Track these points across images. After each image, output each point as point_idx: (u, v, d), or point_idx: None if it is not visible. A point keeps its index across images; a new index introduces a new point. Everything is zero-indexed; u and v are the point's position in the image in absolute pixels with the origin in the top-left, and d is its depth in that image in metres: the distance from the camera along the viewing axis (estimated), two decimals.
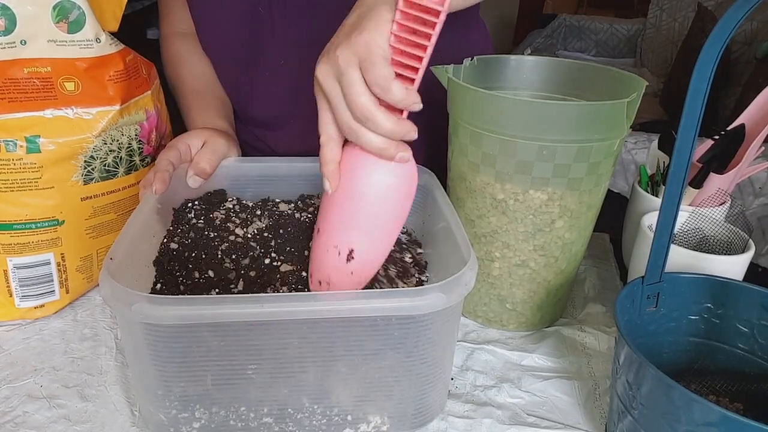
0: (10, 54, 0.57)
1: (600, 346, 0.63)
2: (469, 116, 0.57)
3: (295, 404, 0.48)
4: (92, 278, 0.68)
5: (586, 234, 0.62)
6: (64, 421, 0.51)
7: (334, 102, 0.47)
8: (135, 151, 0.67)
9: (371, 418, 0.49)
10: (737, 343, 0.52)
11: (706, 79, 0.41)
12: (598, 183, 0.58)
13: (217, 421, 0.48)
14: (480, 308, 0.65)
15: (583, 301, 0.71)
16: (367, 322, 0.45)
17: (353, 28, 0.46)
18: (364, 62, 0.44)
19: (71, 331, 0.63)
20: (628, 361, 0.44)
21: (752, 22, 2.24)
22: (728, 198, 0.69)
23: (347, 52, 0.45)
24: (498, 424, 0.52)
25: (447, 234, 0.54)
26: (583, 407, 0.55)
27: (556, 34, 3.34)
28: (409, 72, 0.45)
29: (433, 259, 0.62)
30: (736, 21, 0.39)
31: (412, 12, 0.43)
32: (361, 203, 0.49)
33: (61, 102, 0.60)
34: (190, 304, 0.42)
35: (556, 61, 0.67)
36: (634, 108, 0.55)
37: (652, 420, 0.42)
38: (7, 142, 0.57)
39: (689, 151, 0.44)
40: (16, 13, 0.57)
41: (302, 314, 0.43)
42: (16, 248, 0.61)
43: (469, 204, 0.61)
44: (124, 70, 0.64)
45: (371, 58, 0.44)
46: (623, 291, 0.50)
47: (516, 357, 0.61)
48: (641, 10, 3.36)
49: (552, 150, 0.54)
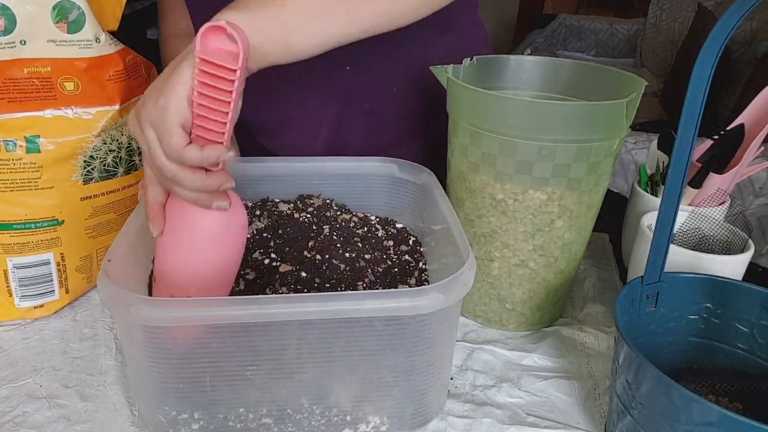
0: (9, 54, 0.58)
1: (599, 346, 0.63)
2: (469, 116, 0.57)
3: (294, 405, 0.48)
4: (92, 278, 0.68)
5: (585, 234, 0.62)
6: (63, 421, 0.51)
7: (145, 154, 0.47)
8: (135, 150, 0.67)
9: (370, 419, 0.49)
10: (737, 342, 0.52)
11: (706, 78, 0.41)
12: (598, 183, 0.58)
13: (216, 423, 0.48)
14: (480, 308, 0.65)
15: (583, 301, 0.71)
16: (365, 322, 0.45)
17: (158, 89, 0.46)
18: (158, 130, 0.45)
19: (71, 331, 0.63)
20: (628, 360, 0.44)
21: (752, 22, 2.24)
22: (728, 198, 0.69)
23: (146, 115, 0.46)
24: (498, 424, 0.52)
25: (446, 234, 0.54)
26: (583, 407, 0.55)
27: (556, 35, 3.34)
28: (217, 126, 0.46)
29: (432, 258, 0.62)
30: (735, 21, 0.39)
31: (209, 71, 0.43)
32: (190, 252, 0.49)
33: (60, 102, 0.60)
34: (189, 306, 0.42)
35: (556, 61, 0.67)
36: (633, 108, 0.55)
37: (651, 420, 0.42)
38: (6, 142, 0.57)
39: (689, 150, 0.44)
40: (16, 13, 0.57)
41: (301, 315, 0.43)
42: (16, 248, 0.61)
43: (469, 204, 0.61)
44: (123, 70, 0.64)
45: (164, 126, 0.44)
46: (623, 291, 0.50)
47: (516, 357, 0.61)
48: (641, 10, 3.36)
49: (552, 150, 0.54)
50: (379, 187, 0.70)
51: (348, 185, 0.70)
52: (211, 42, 0.44)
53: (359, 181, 0.69)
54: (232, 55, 0.44)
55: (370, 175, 0.69)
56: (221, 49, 0.44)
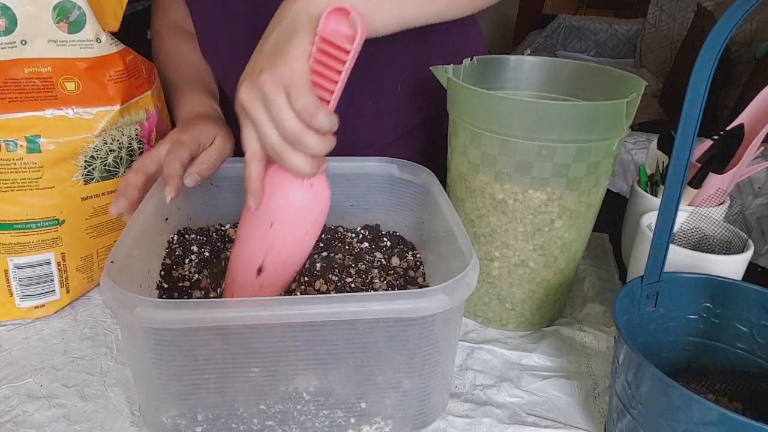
0: (10, 54, 0.58)
1: (599, 346, 0.63)
2: (469, 116, 0.57)
3: (297, 406, 0.48)
4: (93, 278, 0.68)
5: (585, 234, 0.62)
6: (63, 420, 0.51)
7: (259, 124, 0.48)
8: (135, 150, 0.67)
9: (374, 420, 0.49)
10: (736, 342, 0.53)
11: (705, 79, 0.41)
12: (598, 183, 0.58)
13: (219, 425, 0.47)
14: (479, 308, 0.65)
15: (583, 301, 0.71)
16: (369, 324, 0.45)
17: (276, 53, 0.48)
18: (290, 90, 0.46)
19: (71, 331, 0.63)
20: (628, 360, 0.44)
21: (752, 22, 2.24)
22: (727, 198, 0.69)
23: (273, 79, 0.47)
24: (497, 424, 0.52)
25: (448, 234, 0.54)
26: (583, 406, 0.55)
27: (556, 35, 3.34)
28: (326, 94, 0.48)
29: (434, 259, 0.62)
30: (735, 21, 0.39)
31: (326, 49, 0.47)
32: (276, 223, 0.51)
33: (61, 102, 0.60)
34: (192, 308, 0.42)
35: (556, 61, 0.67)
36: (633, 108, 0.55)
37: (651, 419, 0.42)
38: (7, 142, 0.57)
39: (688, 150, 0.44)
40: (16, 13, 0.57)
41: (305, 317, 0.43)
42: (17, 248, 0.61)
43: (469, 204, 0.61)
44: (124, 70, 0.64)
45: (298, 88, 0.46)
46: (622, 290, 0.50)
47: (515, 356, 0.61)
48: (641, 10, 3.36)
49: (551, 150, 0.54)
50: (379, 187, 0.69)
51: (348, 185, 0.70)
52: (332, 23, 0.47)
53: (359, 181, 0.69)
54: (348, 37, 0.47)
55: (370, 175, 0.69)
56: (338, 31, 0.47)
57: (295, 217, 0.52)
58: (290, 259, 0.53)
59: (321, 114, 0.46)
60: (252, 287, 0.53)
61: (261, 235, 0.52)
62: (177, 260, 0.62)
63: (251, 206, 0.51)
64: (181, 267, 0.61)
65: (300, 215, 0.52)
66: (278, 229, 0.52)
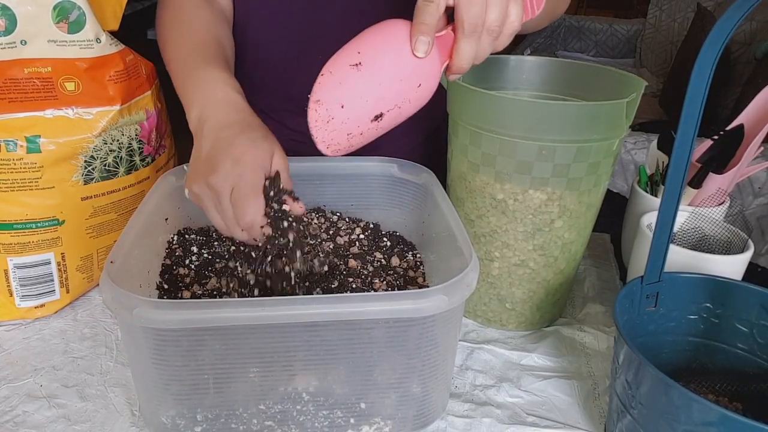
0: (10, 54, 0.58)
1: (599, 346, 0.63)
2: (469, 116, 0.57)
3: (297, 407, 0.48)
4: (92, 278, 0.68)
5: (585, 234, 0.62)
6: (63, 420, 0.51)
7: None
8: (135, 150, 0.67)
9: (373, 421, 0.49)
10: (736, 342, 0.53)
11: (705, 79, 0.41)
12: (598, 183, 0.58)
13: (219, 425, 0.47)
14: (480, 308, 0.65)
15: (583, 301, 0.71)
16: (369, 324, 0.45)
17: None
18: None
19: (71, 331, 0.63)
20: (628, 360, 0.44)
21: (752, 22, 2.24)
22: (727, 198, 0.69)
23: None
24: (497, 424, 0.52)
25: (448, 234, 0.54)
26: (583, 407, 0.55)
27: (556, 35, 3.34)
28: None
29: (434, 259, 0.62)
30: (735, 21, 0.39)
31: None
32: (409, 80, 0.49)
33: (61, 102, 0.60)
34: (192, 309, 0.42)
35: (556, 61, 0.67)
36: (633, 108, 0.55)
37: (651, 419, 0.42)
38: (7, 142, 0.57)
39: (688, 151, 0.44)
40: (16, 13, 0.57)
41: (306, 317, 0.43)
42: (17, 248, 0.61)
43: (469, 204, 0.61)
44: (124, 70, 0.64)
45: None
46: (622, 291, 0.50)
47: (515, 356, 0.61)
48: (640, 10, 3.36)
49: (551, 150, 0.54)
50: (378, 187, 0.69)
51: (347, 185, 0.70)
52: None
53: (359, 181, 0.69)
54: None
55: (370, 175, 0.69)
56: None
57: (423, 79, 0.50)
58: (406, 113, 0.52)
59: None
60: (368, 126, 0.51)
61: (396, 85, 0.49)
62: (177, 260, 0.62)
63: (421, 53, 0.48)
64: (181, 267, 0.61)
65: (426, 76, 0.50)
66: (407, 86, 0.49)
